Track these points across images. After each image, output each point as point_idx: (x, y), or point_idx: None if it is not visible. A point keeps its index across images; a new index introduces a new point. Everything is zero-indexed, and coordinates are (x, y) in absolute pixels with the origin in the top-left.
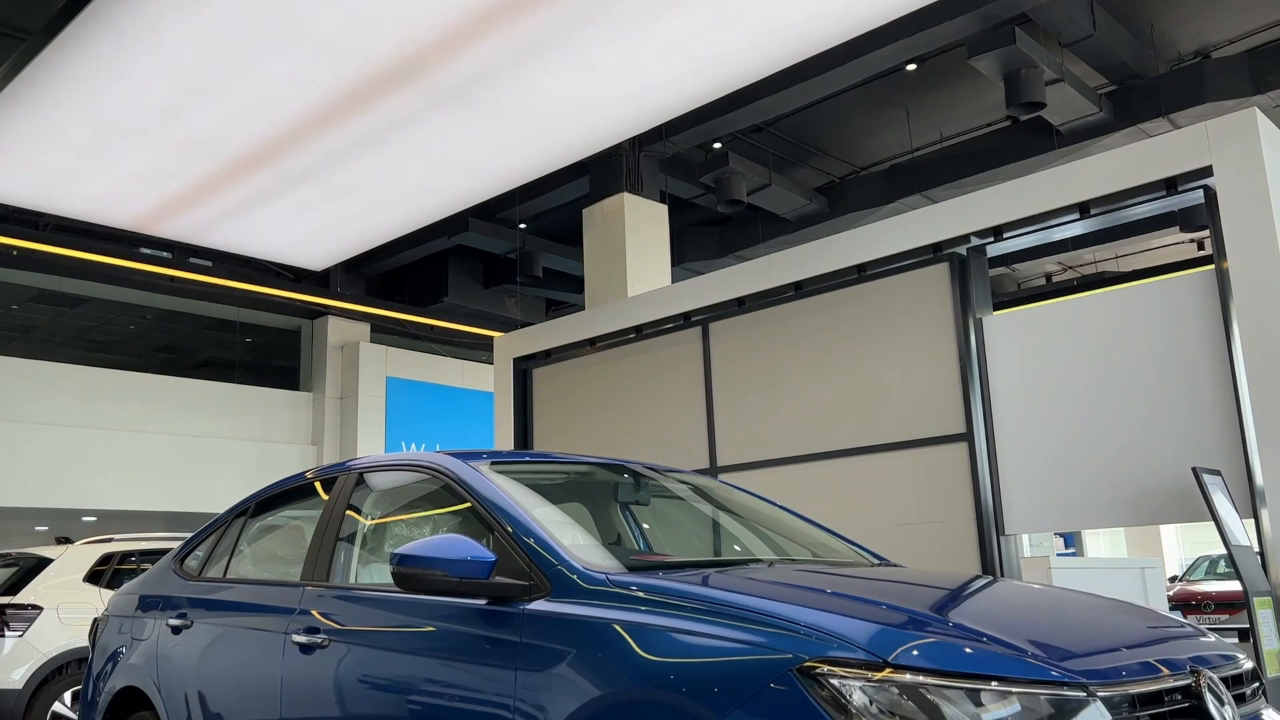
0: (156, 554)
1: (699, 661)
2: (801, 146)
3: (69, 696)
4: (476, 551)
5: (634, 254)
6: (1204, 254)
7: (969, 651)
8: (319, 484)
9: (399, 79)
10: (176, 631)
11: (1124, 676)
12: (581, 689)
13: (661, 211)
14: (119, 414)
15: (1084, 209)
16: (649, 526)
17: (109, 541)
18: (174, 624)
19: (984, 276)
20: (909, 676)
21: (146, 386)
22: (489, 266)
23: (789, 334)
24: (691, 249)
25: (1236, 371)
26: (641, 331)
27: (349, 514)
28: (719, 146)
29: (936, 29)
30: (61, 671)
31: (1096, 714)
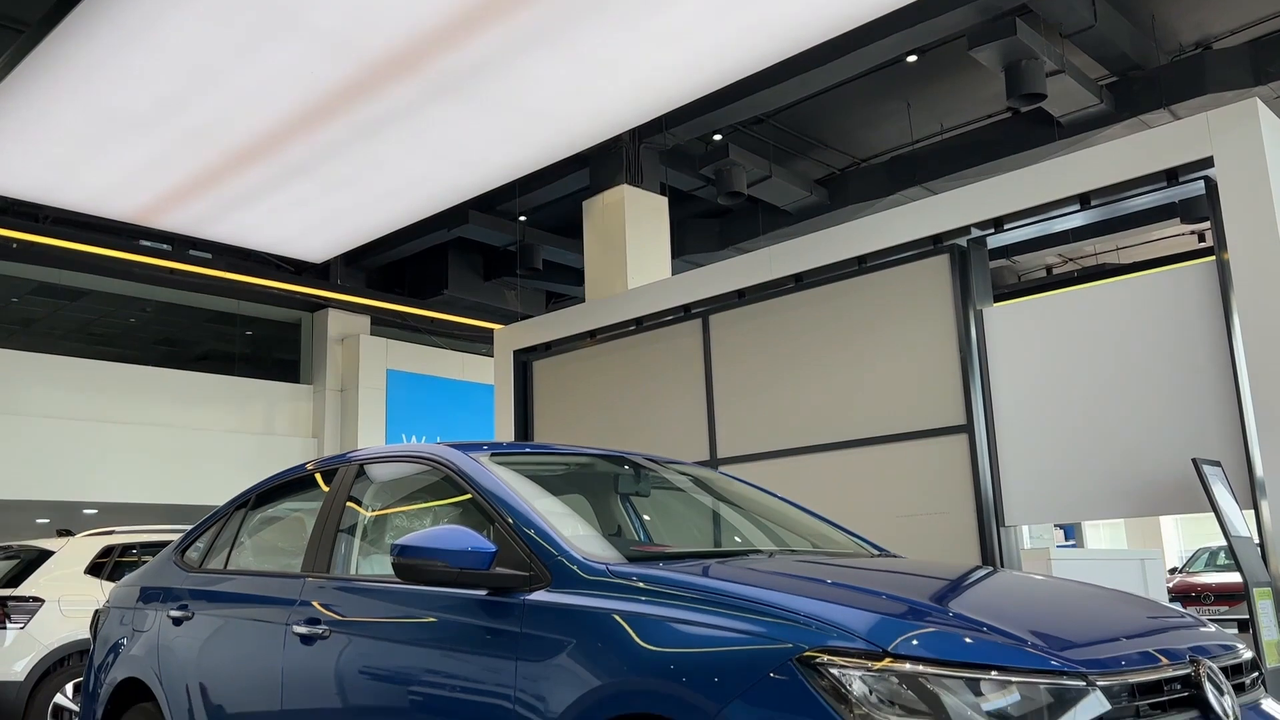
0: (157, 546)
1: (699, 651)
2: (802, 138)
3: (71, 688)
4: (477, 542)
5: (634, 246)
6: (1205, 245)
7: (969, 641)
8: (319, 476)
9: (398, 70)
10: (178, 623)
11: (1123, 666)
12: (582, 679)
13: (661, 203)
14: (120, 407)
15: (1084, 200)
16: (649, 518)
17: (110, 534)
18: (175, 615)
19: (984, 268)
20: (909, 666)
21: (147, 379)
22: (489, 259)
23: (789, 326)
24: (692, 241)
25: (1237, 362)
26: (642, 324)
27: (349, 505)
28: (719, 138)
29: (937, 20)
30: (63, 663)
31: (1096, 703)
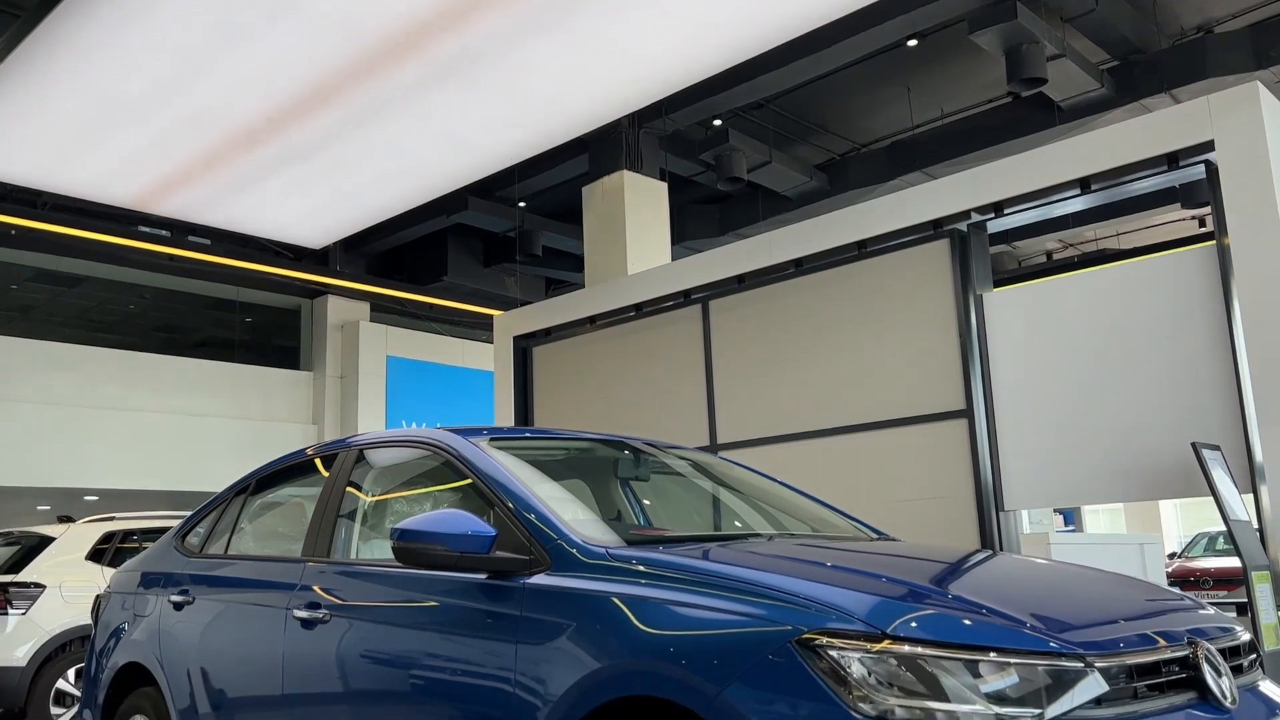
0: (157, 532)
1: (698, 634)
2: (802, 123)
3: (72, 674)
4: (477, 526)
5: (634, 232)
6: (1205, 231)
7: (967, 623)
8: (319, 461)
9: (398, 54)
10: (178, 608)
11: (1121, 648)
12: (581, 661)
13: (661, 189)
14: (119, 394)
15: (1085, 184)
16: (649, 502)
17: (110, 520)
18: (176, 600)
19: (984, 253)
20: (907, 648)
21: (146, 366)
22: (488, 245)
23: (789, 311)
24: (691, 227)
25: (1237, 347)
26: (641, 309)
27: (349, 490)
28: (719, 123)
29: (937, 4)
30: (65, 649)
31: (1094, 684)
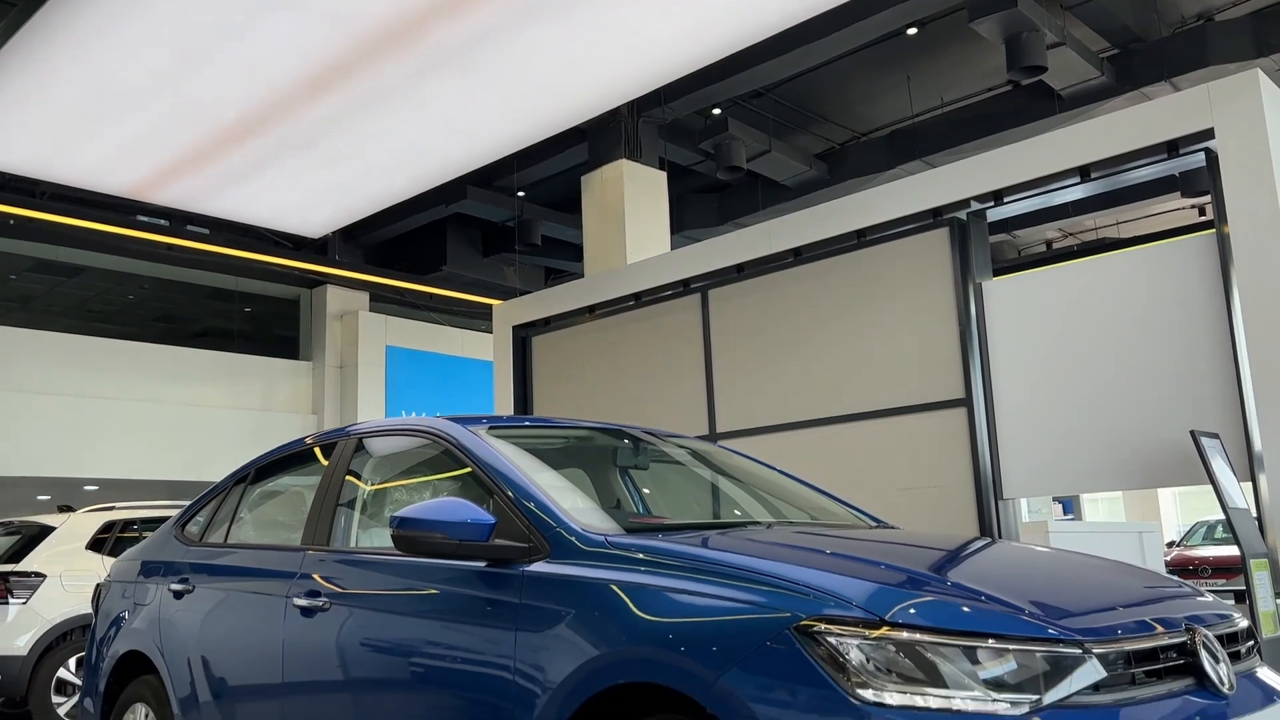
0: (157, 521)
1: (697, 621)
2: (801, 112)
3: (73, 662)
4: (476, 514)
5: (633, 221)
6: (1205, 219)
7: (966, 610)
8: (319, 449)
9: (395, 43)
10: (179, 596)
11: (1119, 634)
12: (581, 649)
13: (660, 178)
14: (119, 383)
15: (1084, 173)
16: (648, 491)
17: (111, 510)
18: (176, 589)
19: (984, 241)
20: (906, 634)
21: (146, 356)
22: (487, 235)
23: (789, 300)
24: (691, 216)
25: (1236, 335)
26: (641, 299)
27: (349, 479)
28: (718, 112)
29: None
30: (66, 638)
31: (1092, 670)
